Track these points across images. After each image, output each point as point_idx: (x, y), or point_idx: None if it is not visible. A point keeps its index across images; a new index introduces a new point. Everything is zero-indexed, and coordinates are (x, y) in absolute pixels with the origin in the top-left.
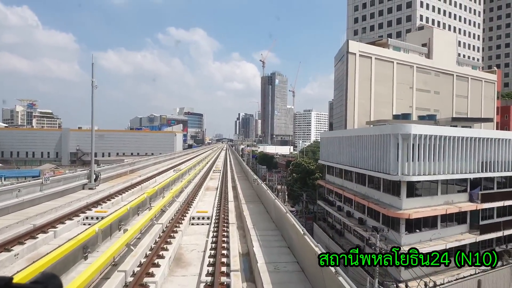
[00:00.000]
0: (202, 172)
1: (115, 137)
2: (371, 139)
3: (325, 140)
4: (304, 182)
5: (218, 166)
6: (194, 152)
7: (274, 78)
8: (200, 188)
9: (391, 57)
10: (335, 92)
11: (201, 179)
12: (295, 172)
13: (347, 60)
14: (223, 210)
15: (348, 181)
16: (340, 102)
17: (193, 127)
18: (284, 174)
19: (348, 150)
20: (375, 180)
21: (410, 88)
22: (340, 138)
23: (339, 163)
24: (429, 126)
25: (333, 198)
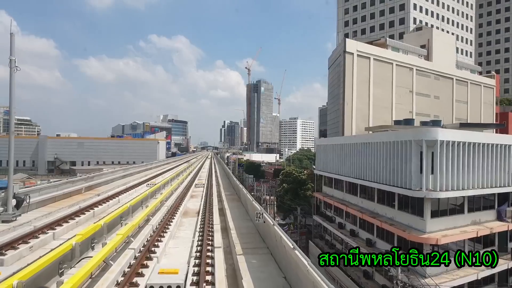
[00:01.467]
0: (182, 186)
1: (95, 145)
2: (384, 146)
3: (322, 148)
4: (296, 193)
5: (202, 179)
6: (176, 161)
7: (259, 85)
8: (174, 213)
9: (390, 58)
10: (329, 96)
11: (179, 198)
12: (286, 182)
13: (344, 60)
14: (204, 264)
15: (351, 195)
16: (335, 107)
17: (177, 134)
18: (273, 183)
19: (352, 160)
20: (388, 196)
21: (409, 92)
22: (341, 146)
23: (340, 174)
24: (457, 131)
25: (331, 213)
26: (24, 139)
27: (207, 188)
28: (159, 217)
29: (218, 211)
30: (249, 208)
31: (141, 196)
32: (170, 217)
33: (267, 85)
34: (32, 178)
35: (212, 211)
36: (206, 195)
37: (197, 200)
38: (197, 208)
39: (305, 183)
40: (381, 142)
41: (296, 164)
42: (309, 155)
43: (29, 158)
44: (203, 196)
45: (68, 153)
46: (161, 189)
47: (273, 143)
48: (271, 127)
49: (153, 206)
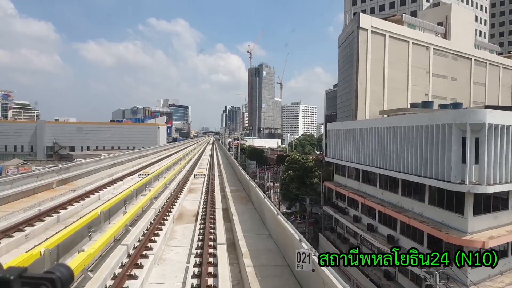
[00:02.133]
0: (179, 177)
1: (94, 130)
2: (414, 131)
3: (334, 133)
4: (302, 181)
5: (202, 168)
6: (175, 146)
7: (261, 70)
8: (165, 217)
9: (406, 35)
10: (339, 77)
11: (173, 194)
12: (291, 169)
13: (358, 37)
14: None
15: (369, 186)
16: (347, 89)
17: (178, 119)
18: (277, 170)
19: (372, 146)
20: (416, 188)
21: (426, 73)
22: (359, 131)
23: (356, 161)
24: (509, 112)
25: (344, 205)
26: (22, 124)
27: (208, 180)
28: (142, 225)
29: (223, 214)
30: (252, 193)
31: (125, 193)
32: (158, 225)
33: (269, 69)
34: (28, 163)
35: (214, 215)
36: (207, 190)
37: (196, 196)
38: (195, 209)
39: (311, 171)
40: (410, 127)
41: (299, 149)
42: (312, 141)
43: (27, 143)
44: (203, 192)
45: (67, 138)
46: (153, 181)
47: (275, 128)
48: (273, 112)
49: (138, 208)
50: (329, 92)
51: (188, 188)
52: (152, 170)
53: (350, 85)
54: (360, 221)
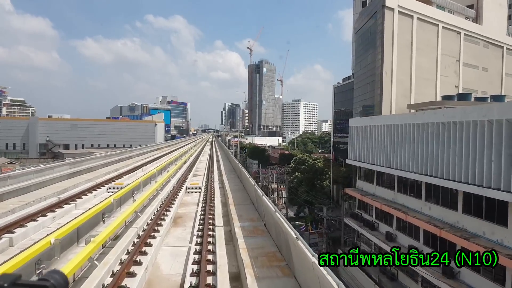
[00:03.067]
0: (165, 191)
1: (89, 127)
2: (495, 129)
3: (359, 130)
4: (312, 184)
5: (199, 174)
6: (170, 145)
7: (261, 66)
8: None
9: (436, 18)
10: (356, 68)
11: (148, 229)
12: (299, 171)
13: (383, 17)
14: None
15: (409, 197)
16: (368, 79)
17: (177, 117)
18: (281, 170)
19: (416, 147)
20: (491, 206)
21: (456, 62)
22: (396, 128)
23: (391, 166)
24: None
25: (372, 218)
26: (14, 120)
27: (206, 197)
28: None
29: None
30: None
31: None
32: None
33: (270, 66)
34: (15, 162)
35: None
36: (203, 218)
37: (183, 235)
38: (177, 280)
39: (322, 172)
40: (485, 122)
41: (300, 147)
42: (314, 139)
43: (19, 141)
44: (197, 223)
45: (61, 136)
46: (120, 204)
47: (275, 126)
48: (273, 109)
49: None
50: (338, 86)
51: (173, 215)
52: (130, 180)
53: (372, 75)
54: (396, 240)
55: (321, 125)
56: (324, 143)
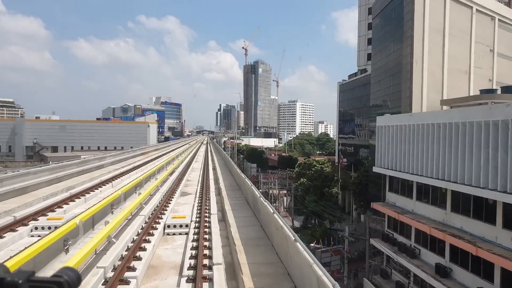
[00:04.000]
0: (130, 232)
1: (79, 128)
2: None
3: (390, 131)
4: (321, 193)
5: (189, 187)
6: (160, 148)
7: (257, 67)
8: None
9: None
10: (373, 59)
11: None
12: (304, 176)
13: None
14: None
15: (473, 220)
16: (392, 70)
17: (171, 118)
18: (282, 174)
19: (490, 155)
20: None
21: (490, 52)
22: (455, 128)
23: (441, 178)
24: None
25: (410, 242)
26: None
27: (197, 248)
28: None
29: None
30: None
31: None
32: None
33: (265, 66)
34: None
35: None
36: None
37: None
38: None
39: (332, 179)
40: None
41: (298, 149)
42: (311, 140)
43: (5, 143)
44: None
45: (49, 138)
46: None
47: (271, 127)
48: (269, 110)
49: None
50: (343, 83)
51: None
52: (82, 209)
53: (397, 65)
54: (452, 276)
55: (317, 126)
56: (321, 144)
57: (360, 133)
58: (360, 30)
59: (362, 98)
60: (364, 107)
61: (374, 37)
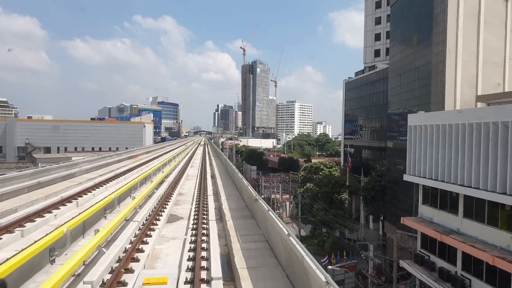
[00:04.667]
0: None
1: (73, 128)
2: None
3: (430, 131)
4: (330, 200)
5: (179, 209)
6: (153, 150)
7: (255, 66)
8: None
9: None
10: (392, 51)
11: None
12: (311, 181)
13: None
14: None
15: None
16: (419, 61)
17: (168, 118)
18: (284, 177)
19: None
20: None
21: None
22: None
23: (507, 192)
24: None
25: (456, 268)
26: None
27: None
28: None
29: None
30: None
31: None
32: None
33: (263, 66)
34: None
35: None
36: None
37: None
38: None
39: (343, 185)
40: None
41: (297, 150)
42: (310, 141)
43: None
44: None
45: (41, 138)
46: None
47: (269, 127)
48: (267, 110)
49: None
50: (349, 81)
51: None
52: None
53: (425, 56)
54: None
55: (316, 127)
56: (321, 145)
57: (370, 134)
58: (366, 25)
59: (372, 96)
60: (375, 105)
61: (393, 26)
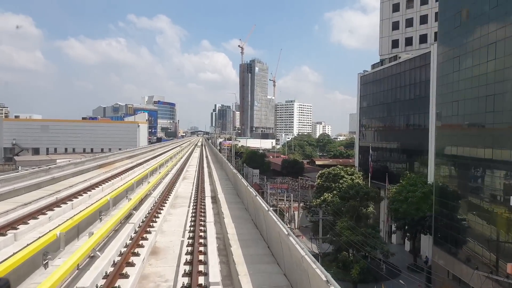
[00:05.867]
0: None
1: (63, 128)
2: None
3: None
4: (357, 216)
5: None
6: (134, 156)
7: (253, 66)
8: None
9: None
10: (442, 25)
11: None
12: (330, 190)
13: None
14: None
15: None
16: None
17: (164, 118)
18: (293, 184)
19: None
20: None
21: None
22: None
23: None
24: None
25: None
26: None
27: None
28: None
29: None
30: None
31: None
32: None
33: (262, 65)
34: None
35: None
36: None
37: None
38: None
39: (374, 197)
40: None
41: (298, 151)
42: (311, 141)
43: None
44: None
45: (29, 139)
46: None
47: (268, 127)
48: (266, 110)
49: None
50: (365, 75)
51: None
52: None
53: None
54: None
55: (315, 127)
56: (322, 146)
57: (393, 134)
58: (382, 12)
59: (396, 91)
60: (399, 101)
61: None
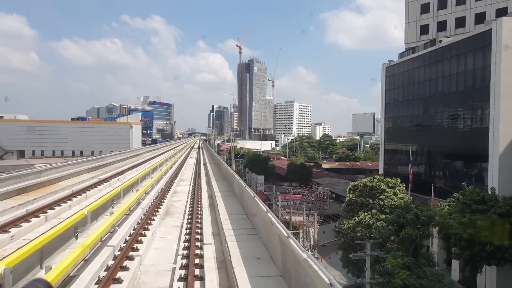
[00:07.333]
0: None
1: (51, 130)
2: None
3: None
4: (415, 248)
5: None
6: (107, 164)
7: (252, 65)
8: None
9: None
10: None
11: None
12: (366, 209)
13: None
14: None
15: None
16: None
17: (160, 119)
18: (308, 193)
19: None
20: None
21: None
22: None
23: None
24: None
25: None
26: None
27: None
28: None
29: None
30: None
31: None
32: None
33: (260, 65)
34: None
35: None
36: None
37: None
38: None
39: (440, 222)
40: None
41: (300, 153)
42: (312, 142)
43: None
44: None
45: (14, 141)
46: None
47: (267, 129)
48: (264, 111)
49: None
50: (391, 65)
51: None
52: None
53: None
54: None
55: (315, 128)
56: (324, 147)
57: (432, 134)
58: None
59: (437, 82)
60: (442, 94)
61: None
